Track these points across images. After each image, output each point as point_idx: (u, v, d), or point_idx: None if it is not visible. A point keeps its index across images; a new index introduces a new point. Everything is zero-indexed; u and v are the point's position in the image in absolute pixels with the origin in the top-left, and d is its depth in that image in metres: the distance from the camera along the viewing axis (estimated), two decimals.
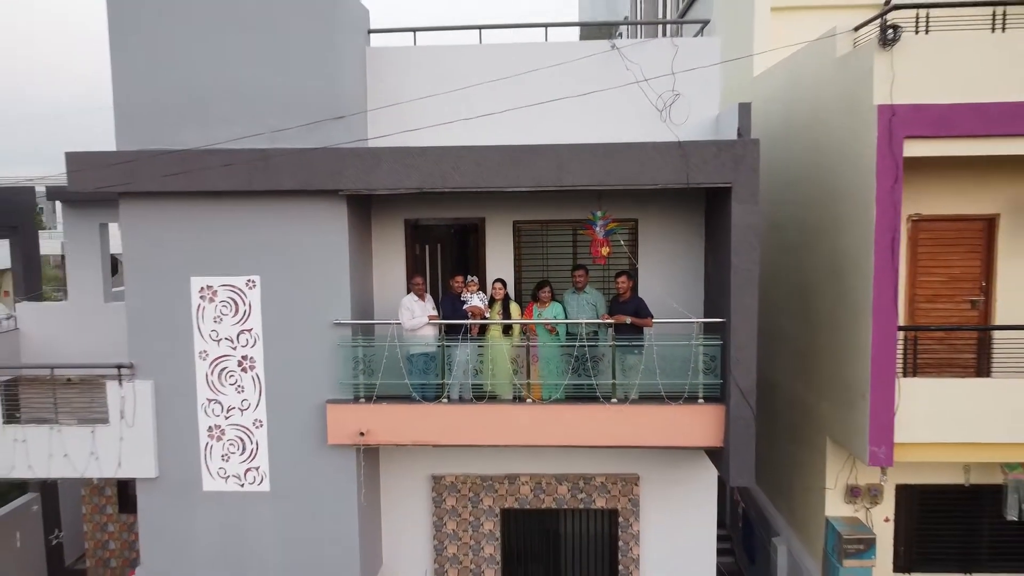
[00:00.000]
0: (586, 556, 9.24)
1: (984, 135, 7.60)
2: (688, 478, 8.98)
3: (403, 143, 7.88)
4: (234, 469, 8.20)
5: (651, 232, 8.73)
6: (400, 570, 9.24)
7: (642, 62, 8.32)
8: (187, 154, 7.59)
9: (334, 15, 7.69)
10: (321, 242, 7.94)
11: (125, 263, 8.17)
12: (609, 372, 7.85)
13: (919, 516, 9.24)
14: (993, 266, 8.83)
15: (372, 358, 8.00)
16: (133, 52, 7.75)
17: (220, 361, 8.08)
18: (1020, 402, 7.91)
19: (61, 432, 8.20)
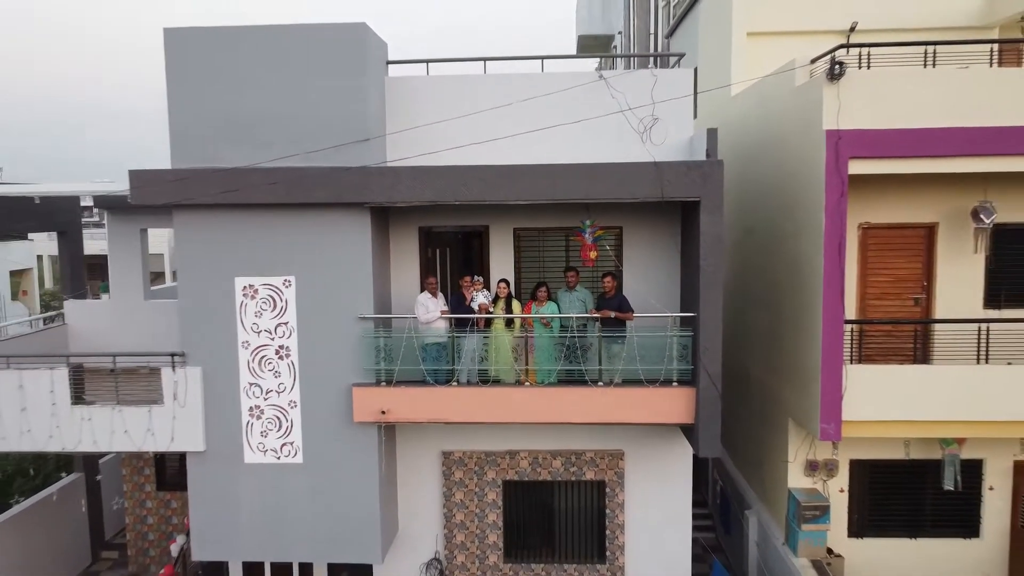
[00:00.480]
0: (577, 522, 10.51)
1: (917, 156, 8.87)
2: (666, 454, 10.24)
3: (418, 162, 9.13)
4: (271, 444, 9.45)
5: (634, 238, 9.99)
6: (414, 535, 10.50)
7: (625, 90, 9.55)
8: (234, 172, 8.85)
9: (362, 52, 8.95)
10: (348, 247, 9.19)
11: (178, 265, 9.41)
12: (596, 359, 9.11)
13: (870, 488, 10.52)
14: (933, 268, 10.11)
15: (391, 347, 9.25)
16: (187, 83, 9.01)
17: (260, 350, 9.33)
18: (953, 385, 9.18)
19: (122, 412, 9.45)
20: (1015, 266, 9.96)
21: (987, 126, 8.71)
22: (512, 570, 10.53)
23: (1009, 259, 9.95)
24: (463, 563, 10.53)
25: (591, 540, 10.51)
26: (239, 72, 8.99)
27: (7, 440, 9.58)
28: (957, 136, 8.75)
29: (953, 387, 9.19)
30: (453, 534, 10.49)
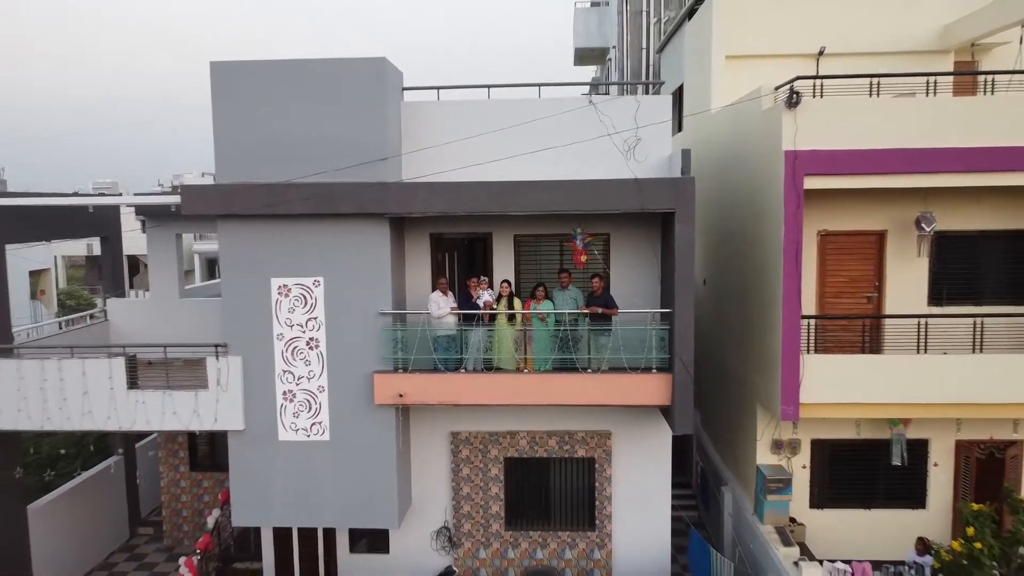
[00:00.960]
0: (570, 494, 11.88)
1: (865, 173, 10.23)
2: (648, 434, 11.60)
3: (430, 178, 10.49)
4: (302, 424, 10.81)
5: (619, 244, 11.35)
6: (426, 506, 11.87)
7: (612, 114, 10.89)
8: (271, 187, 10.22)
9: (381, 82, 10.31)
10: (369, 251, 10.54)
11: (221, 267, 10.77)
12: (586, 349, 10.48)
13: (829, 464, 11.87)
14: (883, 270, 11.46)
15: (407, 339, 10.61)
16: (230, 110, 10.37)
17: (292, 341, 10.69)
18: (897, 372, 10.53)
19: (171, 395, 10.82)
20: (954, 268, 11.29)
21: (926, 147, 10.07)
22: (513, 537, 11.90)
23: (949, 262, 11.29)
24: (469, 531, 11.90)
25: (582, 510, 11.88)
26: (275, 100, 10.34)
27: (71, 420, 10.95)
28: (899, 156, 10.10)
29: (897, 374, 10.53)
30: (460, 505, 11.86)
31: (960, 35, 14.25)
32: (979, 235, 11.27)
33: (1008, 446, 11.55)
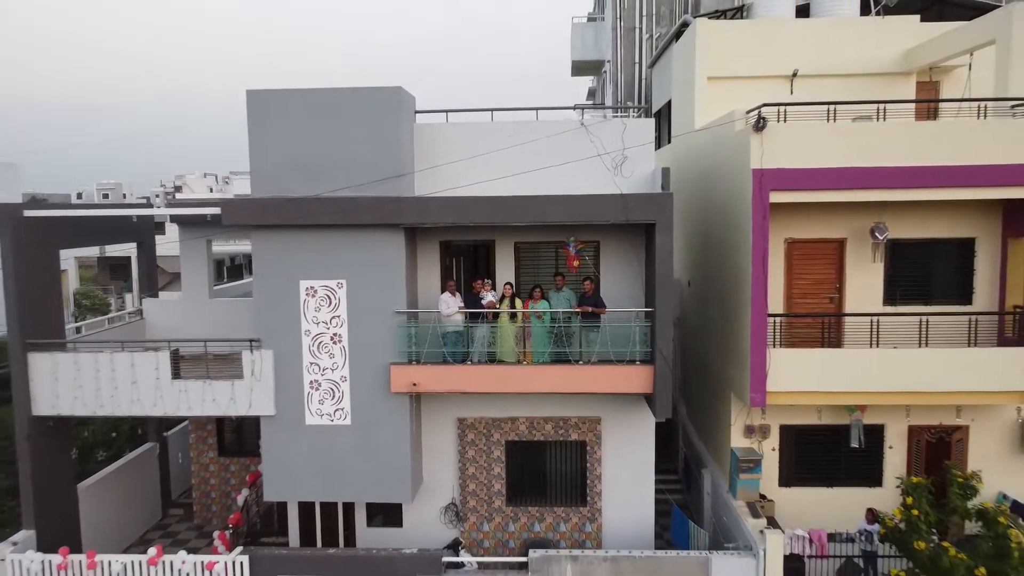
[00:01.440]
0: (564, 474, 13.27)
1: (823, 188, 11.62)
2: (634, 420, 12.97)
3: (441, 193, 11.87)
4: (327, 409, 12.19)
5: (608, 250, 12.73)
6: (435, 484, 13.26)
7: (602, 135, 12.28)
8: (300, 201, 11.60)
9: (397, 108, 11.70)
10: (386, 257, 11.91)
11: (255, 271, 12.14)
12: (578, 344, 11.85)
13: (795, 447, 13.27)
14: (844, 273, 12.86)
15: (420, 334, 11.98)
16: (264, 132, 11.75)
17: (318, 337, 12.07)
18: (853, 364, 11.92)
19: (211, 384, 12.20)
20: (906, 272, 12.70)
21: (878, 166, 11.46)
22: (513, 512, 13.30)
23: (901, 267, 12.70)
24: (474, 506, 13.30)
25: (575, 488, 13.27)
26: (303, 123, 11.72)
27: (121, 406, 12.34)
28: (854, 174, 11.49)
29: (854, 366, 11.93)
30: (466, 483, 13.25)
31: (921, 59, 15.64)
32: (928, 242, 12.67)
33: (954, 431, 12.96)
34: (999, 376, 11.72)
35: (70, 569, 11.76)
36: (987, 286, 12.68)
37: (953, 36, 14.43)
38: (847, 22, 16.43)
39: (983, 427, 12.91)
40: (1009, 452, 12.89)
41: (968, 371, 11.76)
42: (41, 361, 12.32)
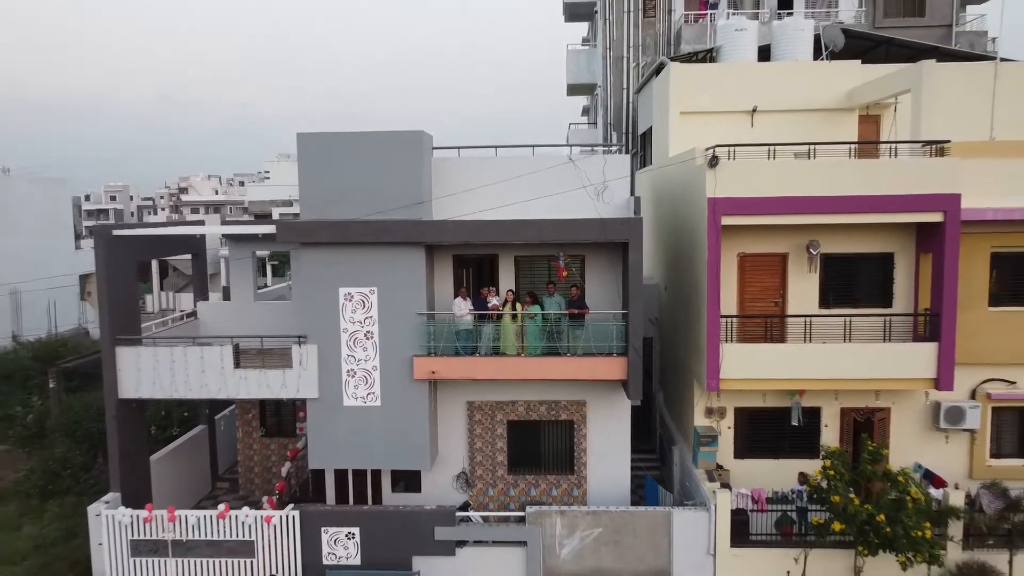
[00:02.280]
0: (555, 447, 15.96)
1: (765, 214, 14.31)
2: (613, 403, 15.66)
3: (454, 217, 14.56)
4: (360, 393, 14.87)
5: (592, 263, 15.43)
6: (449, 456, 15.95)
7: (586, 168, 14.99)
8: (341, 223, 14.28)
9: (419, 148, 14.39)
10: (409, 268, 14.59)
11: (303, 280, 14.82)
12: (566, 339, 14.54)
13: (747, 425, 15.94)
14: (786, 281, 15.53)
15: (437, 332, 14.67)
16: (311, 167, 14.43)
17: (354, 333, 14.76)
18: (792, 357, 14.60)
19: (265, 373, 14.89)
20: (836, 281, 15.36)
21: (809, 196, 14.14)
22: (513, 479, 16.01)
23: (833, 277, 15.35)
24: (481, 475, 16.00)
25: (564, 459, 15.97)
26: (343, 160, 14.41)
27: (192, 390, 15.02)
28: (790, 202, 14.18)
29: (792, 358, 14.63)
30: (474, 455, 15.96)
31: (860, 98, 18.35)
32: (855, 256, 15.34)
33: (877, 411, 15.65)
34: (909, 366, 14.43)
35: (154, 522, 14.47)
36: (904, 292, 15.35)
37: (880, 83, 17.15)
38: (798, 65, 19.14)
39: (902, 409, 15.60)
40: (923, 429, 15.59)
41: (884, 362, 14.47)
42: (126, 353, 15.02)
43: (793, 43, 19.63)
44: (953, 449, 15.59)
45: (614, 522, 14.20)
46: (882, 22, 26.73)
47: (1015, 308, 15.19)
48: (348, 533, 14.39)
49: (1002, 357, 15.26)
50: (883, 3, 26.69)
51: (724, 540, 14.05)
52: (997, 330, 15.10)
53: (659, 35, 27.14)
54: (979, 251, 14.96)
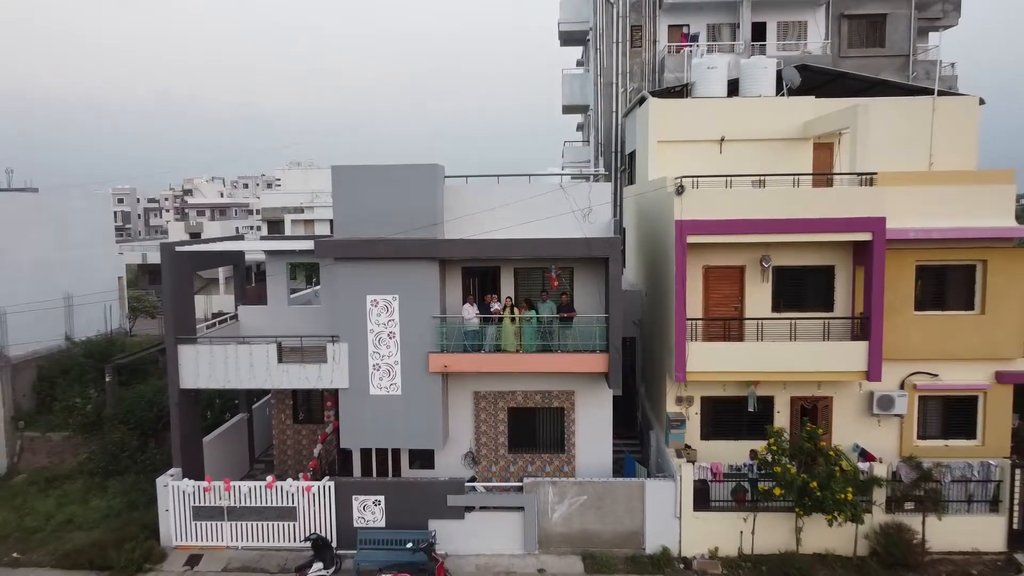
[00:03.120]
0: (549, 431, 18.77)
1: (723, 233, 17.11)
2: (597, 393, 18.45)
3: (463, 236, 17.35)
4: (384, 384, 17.67)
5: (580, 274, 18.23)
6: (458, 438, 18.75)
7: (574, 194, 17.76)
8: (369, 241, 17.09)
9: (434, 177, 17.20)
10: (425, 279, 17.39)
11: (337, 288, 17.62)
12: (556, 338, 17.35)
13: (711, 411, 18.73)
14: (744, 290, 18.33)
15: (448, 332, 17.48)
16: (344, 195, 17.23)
17: (379, 334, 17.56)
18: (747, 353, 17.41)
19: (304, 367, 17.69)
20: (786, 289, 18.14)
21: (760, 218, 16.94)
22: (512, 458, 18.81)
23: (782, 285, 18.13)
24: (485, 454, 18.81)
25: (556, 441, 18.78)
26: (370, 188, 17.21)
27: (242, 381, 17.84)
28: (745, 224, 16.96)
29: (748, 354, 17.43)
30: (479, 437, 18.77)
31: (813, 129, 21.15)
32: (801, 268, 18.12)
33: (821, 399, 18.45)
34: (845, 361, 17.22)
35: (213, 492, 17.28)
36: (843, 299, 18.15)
37: (827, 118, 19.98)
38: (760, 101, 21.92)
39: (842, 397, 18.40)
40: (859, 415, 18.38)
41: (824, 357, 17.28)
42: (187, 351, 17.83)
43: (758, 79, 22.41)
44: (885, 431, 18.39)
45: (597, 491, 17.03)
46: (846, 52, 29.65)
47: (937, 312, 18.01)
48: (375, 500, 17.22)
49: (926, 353, 18.04)
50: (847, 35, 29.61)
51: (688, 505, 16.88)
52: (922, 331, 17.91)
53: (645, 63, 29.99)
54: (906, 264, 17.77)
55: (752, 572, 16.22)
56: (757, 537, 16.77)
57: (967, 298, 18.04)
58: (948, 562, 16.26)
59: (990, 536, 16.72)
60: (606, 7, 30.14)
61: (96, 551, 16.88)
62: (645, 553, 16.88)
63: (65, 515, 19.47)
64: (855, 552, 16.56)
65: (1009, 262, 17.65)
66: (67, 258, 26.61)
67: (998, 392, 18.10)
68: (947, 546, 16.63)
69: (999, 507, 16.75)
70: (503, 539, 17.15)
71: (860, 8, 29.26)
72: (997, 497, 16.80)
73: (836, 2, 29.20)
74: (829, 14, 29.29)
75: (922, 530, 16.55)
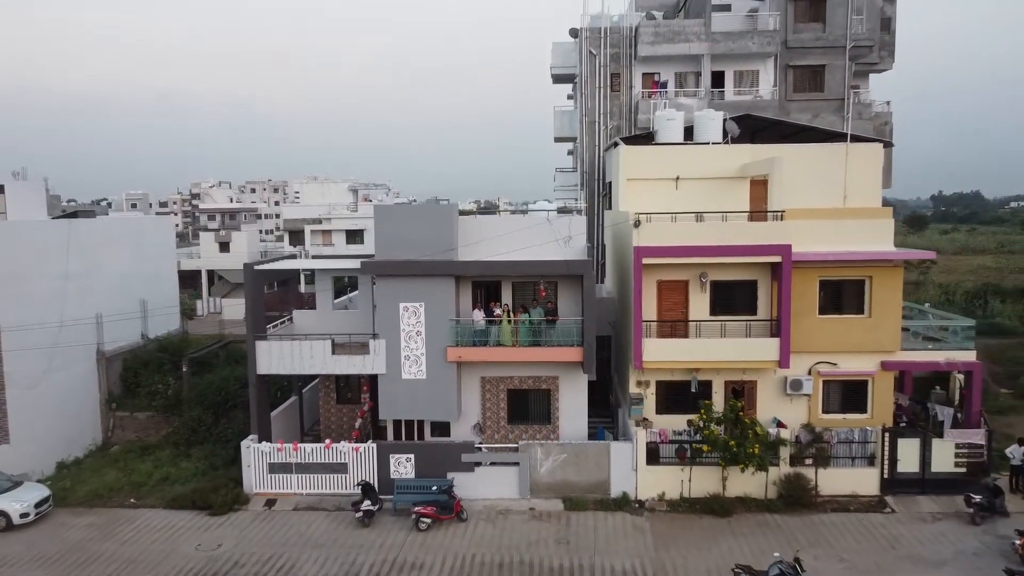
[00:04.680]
0: (538, 407, 24.34)
1: (672, 257, 22.67)
2: (576, 378, 23.99)
3: (472, 258, 22.90)
4: (413, 370, 23.21)
5: (562, 287, 23.79)
6: (468, 413, 24.28)
7: (558, 225, 23.34)
8: (403, 262, 22.63)
9: (452, 212, 22.76)
10: (444, 291, 22.92)
11: (378, 298, 23.17)
12: (544, 335, 22.90)
13: (664, 392, 24.28)
14: (688, 299, 23.87)
15: (461, 331, 23.02)
16: (383, 226, 22.79)
17: (409, 332, 23.08)
18: (689, 347, 22.97)
19: (352, 357, 23.24)
20: (719, 298, 23.68)
21: (699, 245, 22.49)
22: (510, 428, 24.36)
23: (717, 295, 23.66)
24: (489, 425, 24.36)
25: (544, 415, 24.33)
26: (402, 221, 22.74)
27: (304, 368, 23.39)
28: (687, 249, 22.52)
29: (689, 348, 22.99)
30: (485, 412, 24.34)
31: (748, 171, 26.69)
32: (732, 282, 23.67)
33: (748, 383, 24.00)
34: (762, 353, 22.77)
35: (284, 452, 22.83)
36: (764, 306, 23.68)
37: (755, 164, 25.57)
38: (708, 148, 27.42)
39: (764, 381, 23.94)
40: (778, 395, 23.90)
41: (747, 350, 22.81)
42: (262, 345, 23.37)
43: (707, 128, 27.95)
44: (797, 407, 23.93)
45: (575, 451, 22.60)
46: (792, 96, 35.26)
47: (835, 316, 23.58)
48: (407, 458, 22.79)
49: (828, 347, 23.58)
50: (792, 82, 35.19)
51: (642, 461, 22.45)
52: (824, 330, 23.46)
53: (623, 105, 35.58)
54: (811, 279, 23.33)
55: (689, 510, 21.78)
56: (693, 484, 22.37)
57: (858, 305, 23.62)
58: (834, 502, 21.83)
59: (867, 483, 22.32)
60: (590, 56, 35.73)
61: (197, 496, 22.42)
62: (610, 497, 22.44)
63: (161, 474, 25.00)
64: (766, 495, 22.15)
65: (889, 278, 23.25)
66: (142, 270, 32.16)
67: (882, 377, 23.68)
68: (834, 491, 22.23)
69: (874, 462, 22.33)
70: (503, 487, 22.72)
71: (803, 60, 34.85)
72: (874, 455, 22.39)
73: (783, 54, 34.80)
74: (777, 64, 34.88)
75: (815, 478, 22.14)
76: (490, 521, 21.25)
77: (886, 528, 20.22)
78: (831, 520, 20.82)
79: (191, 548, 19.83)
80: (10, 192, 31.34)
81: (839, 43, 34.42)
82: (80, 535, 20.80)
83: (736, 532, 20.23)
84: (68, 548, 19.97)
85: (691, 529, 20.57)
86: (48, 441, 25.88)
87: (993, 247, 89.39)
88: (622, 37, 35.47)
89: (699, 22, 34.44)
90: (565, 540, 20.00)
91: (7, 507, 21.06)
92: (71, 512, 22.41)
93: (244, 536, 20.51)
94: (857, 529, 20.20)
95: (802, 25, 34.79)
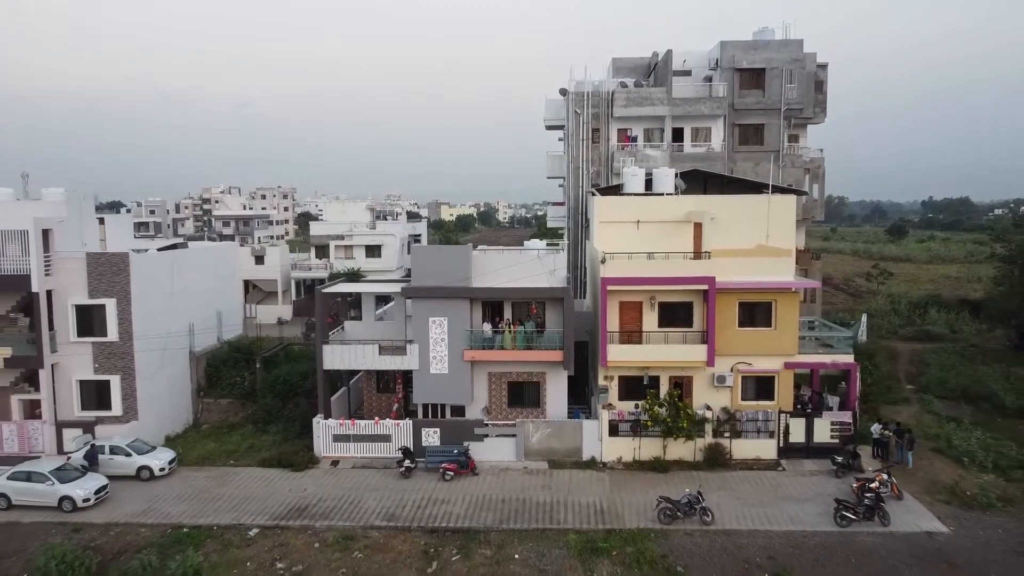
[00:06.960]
0: (531, 396, 32.70)
1: (628, 285, 31.04)
2: (559, 373, 32.30)
3: (483, 285, 31.23)
4: (438, 367, 31.54)
5: (550, 306, 32.12)
6: (478, 399, 32.63)
7: (546, 259, 31.73)
8: (431, 288, 30.98)
9: (468, 251, 31.14)
10: (462, 309, 31.24)
11: (413, 313, 31.52)
12: (534, 342, 31.26)
13: (624, 384, 32.62)
14: (642, 315, 32.23)
15: (474, 338, 31.35)
16: (419, 260, 31.15)
17: (435, 339, 31.41)
18: (644, 351, 31.40)
19: (393, 356, 31.59)
20: (665, 315, 32.01)
21: (651, 276, 30.86)
22: (509, 411, 32.73)
23: (664, 313, 31.99)
24: (494, 408, 32.73)
25: (535, 400, 32.69)
26: (432, 258, 31.11)
27: (358, 365, 31.74)
28: (640, 279, 30.90)
29: (643, 351, 31.37)
30: (491, 399, 32.71)
31: (692, 217, 35.05)
32: (675, 303, 32.01)
33: (685, 378, 32.34)
34: (695, 356, 31.12)
35: (344, 426, 31.20)
36: (698, 320, 32.02)
37: (696, 212, 33.98)
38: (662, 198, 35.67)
39: (698, 376, 32.26)
40: (708, 387, 32.19)
41: (684, 353, 31.17)
42: (327, 348, 31.72)
43: (663, 182, 36.34)
44: (723, 396, 32.27)
45: (557, 426, 31.00)
46: (738, 148, 43.70)
47: (750, 328, 31.95)
48: (434, 431, 31.16)
49: (745, 351, 31.91)
50: (738, 137, 43.60)
51: (606, 434, 30.85)
52: (742, 339, 31.81)
53: (602, 154, 43.98)
54: (731, 301, 31.71)
55: (639, 468, 30.15)
56: (642, 450, 30.76)
57: (767, 320, 31.99)
58: (743, 464, 30.22)
59: (768, 451, 30.73)
60: (575, 115, 44.13)
61: (282, 457, 30.77)
62: (583, 460, 30.79)
63: (248, 444, 33.33)
64: (694, 458, 30.54)
65: (788, 301, 31.63)
66: (217, 287, 40.51)
67: (785, 374, 32.07)
68: (744, 455, 30.63)
69: (773, 435, 30.74)
70: (505, 452, 31.07)
71: (746, 119, 43.27)
72: (774, 430, 30.77)
73: (731, 115, 43.21)
74: (726, 123, 43.31)
75: (729, 447, 30.54)
76: (495, 475, 29.61)
77: (775, 480, 28.63)
78: (738, 475, 29.22)
79: (285, 491, 28.17)
80: (109, 223, 39.75)
81: (775, 106, 42.87)
82: (203, 483, 29.13)
83: (670, 482, 28.59)
84: (197, 491, 28.29)
85: (638, 480, 28.95)
86: (160, 420, 34.19)
87: (963, 256, 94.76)
88: (601, 99, 43.86)
89: (662, 90, 42.88)
90: (548, 486, 28.37)
91: (151, 463, 29.41)
92: (190, 469, 30.74)
93: (320, 483, 28.87)
94: (755, 481, 28.61)
95: (746, 91, 43.20)
